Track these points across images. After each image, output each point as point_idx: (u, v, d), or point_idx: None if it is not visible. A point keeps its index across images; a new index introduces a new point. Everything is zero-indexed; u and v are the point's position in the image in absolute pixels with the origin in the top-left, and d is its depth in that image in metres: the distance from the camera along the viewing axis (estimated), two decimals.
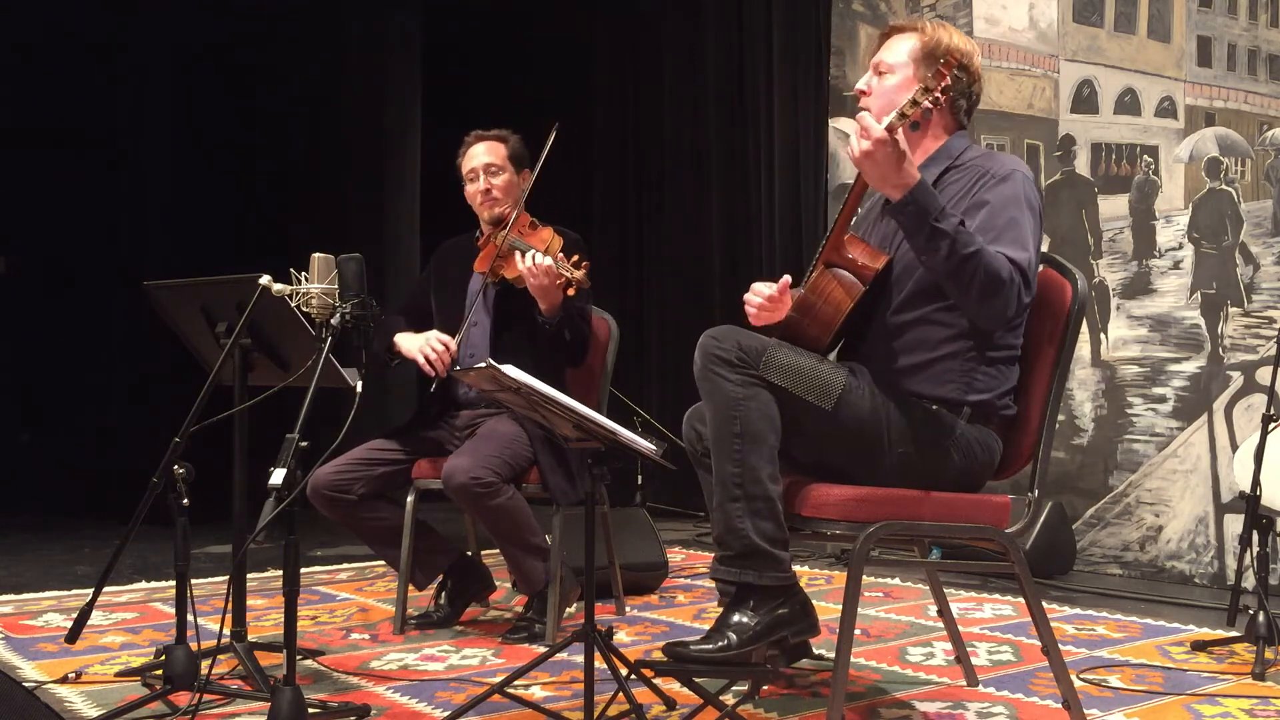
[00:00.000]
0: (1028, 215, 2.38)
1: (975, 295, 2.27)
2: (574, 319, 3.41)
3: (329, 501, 3.37)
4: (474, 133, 3.67)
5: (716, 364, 2.32)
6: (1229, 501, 4.16)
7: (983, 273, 2.24)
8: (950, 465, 2.38)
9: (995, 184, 2.41)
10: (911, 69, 2.54)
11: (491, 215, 3.59)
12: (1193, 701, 2.69)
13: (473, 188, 3.61)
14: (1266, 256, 4.17)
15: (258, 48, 6.88)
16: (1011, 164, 2.46)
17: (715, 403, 2.32)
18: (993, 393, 2.42)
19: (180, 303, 2.97)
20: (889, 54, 2.59)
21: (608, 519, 3.72)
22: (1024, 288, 2.30)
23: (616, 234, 7.04)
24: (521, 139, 3.66)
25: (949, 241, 2.23)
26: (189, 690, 2.52)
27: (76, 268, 6.86)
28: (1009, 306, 2.29)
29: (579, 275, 3.27)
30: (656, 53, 6.92)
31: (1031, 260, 2.34)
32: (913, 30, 2.60)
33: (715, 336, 2.35)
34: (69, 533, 5.68)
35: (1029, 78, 4.87)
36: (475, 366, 2.44)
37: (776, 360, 2.31)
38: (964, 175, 2.47)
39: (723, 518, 2.31)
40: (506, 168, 3.60)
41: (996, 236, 2.33)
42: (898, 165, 2.23)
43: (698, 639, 2.33)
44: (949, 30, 2.60)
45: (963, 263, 2.23)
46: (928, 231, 2.24)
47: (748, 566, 2.30)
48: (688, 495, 6.08)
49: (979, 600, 3.95)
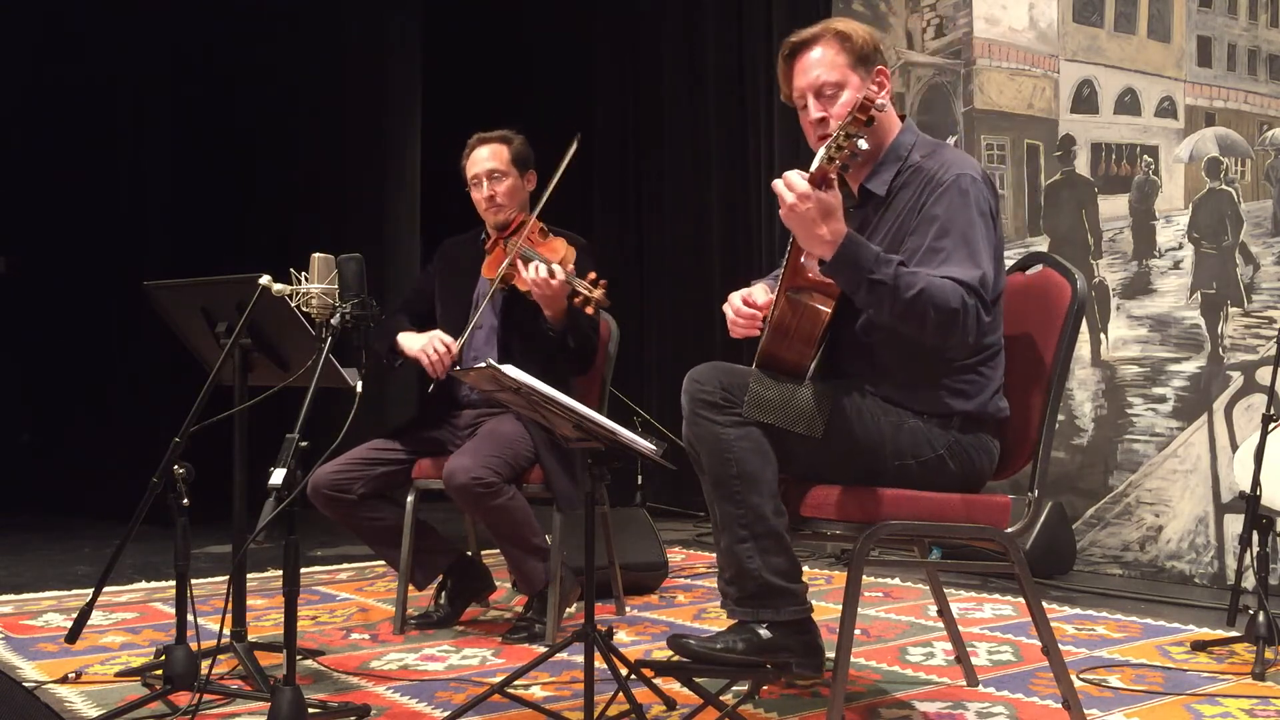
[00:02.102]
0: (979, 224, 2.32)
1: (931, 333, 2.24)
2: (581, 327, 3.39)
3: (329, 501, 3.37)
4: (476, 135, 3.61)
5: (703, 408, 2.29)
6: (1229, 501, 4.16)
7: (932, 310, 2.20)
8: (948, 473, 2.38)
9: (943, 193, 2.34)
10: (855, 77, 2.43)
11: (497, 221, 3.54)
12: (1193, 701, 2.69)
13: (477, 194, 3.57)
14: (1266, 256, 4.17)
15: (258, 48, 6.88)
16: (958, 165, 2.38)
17: (707, 447, 2.29)
18: (981, 397, 2.40)
19: (180, 303, 2.97)
20: (822, 72, 2.43)
21: (608, 519, 3.72)
22: (982, 308, 2.25)
23: (616, 234, 7.04)
24: (526, 139, 3.62)
25: (889, 290, 2.19)
26: (189, 690, 2.52)
27: (76, 268, 6.85)
28: (968, 334, 2.25)
29: (598, 294, 3.20)
30: (656, 53, 6.92)
31: (986, 274, 2.27)
32: (818, 39, 2.46)
33: (698, 380, 2.31)
34: (69, 533, 5.69)
35: (1029, 78, 4.87)
36: (475, 366, 2.44)
37: (759, 398, 2.28)
38: (913, 182, 2.41)
39: (733, 560, 2.30)
40: (510, 172, 3.54)
41: (947, 256, 2.28)
42: (821, 221, 2.17)
43: (704, 638, 2.34)
44: (848, 22, 2.49)
45: (909, 307, 2.19)
46: (866, 285, 2.20)
47: (765, 605, 2.30)
48: (688, 495, 6.08)
49: (979, 600, 3.95)
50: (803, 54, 2.46)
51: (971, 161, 2.44)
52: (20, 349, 6.94)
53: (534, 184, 3.59)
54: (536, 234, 3.47)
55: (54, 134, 6.83)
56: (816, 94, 2.44)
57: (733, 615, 2.35)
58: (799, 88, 2.47)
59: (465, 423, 3.52)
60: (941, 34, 5.17)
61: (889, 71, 2.50)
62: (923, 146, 2.47)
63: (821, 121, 2.42)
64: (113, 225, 6.92)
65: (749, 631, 2.31)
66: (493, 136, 3.59)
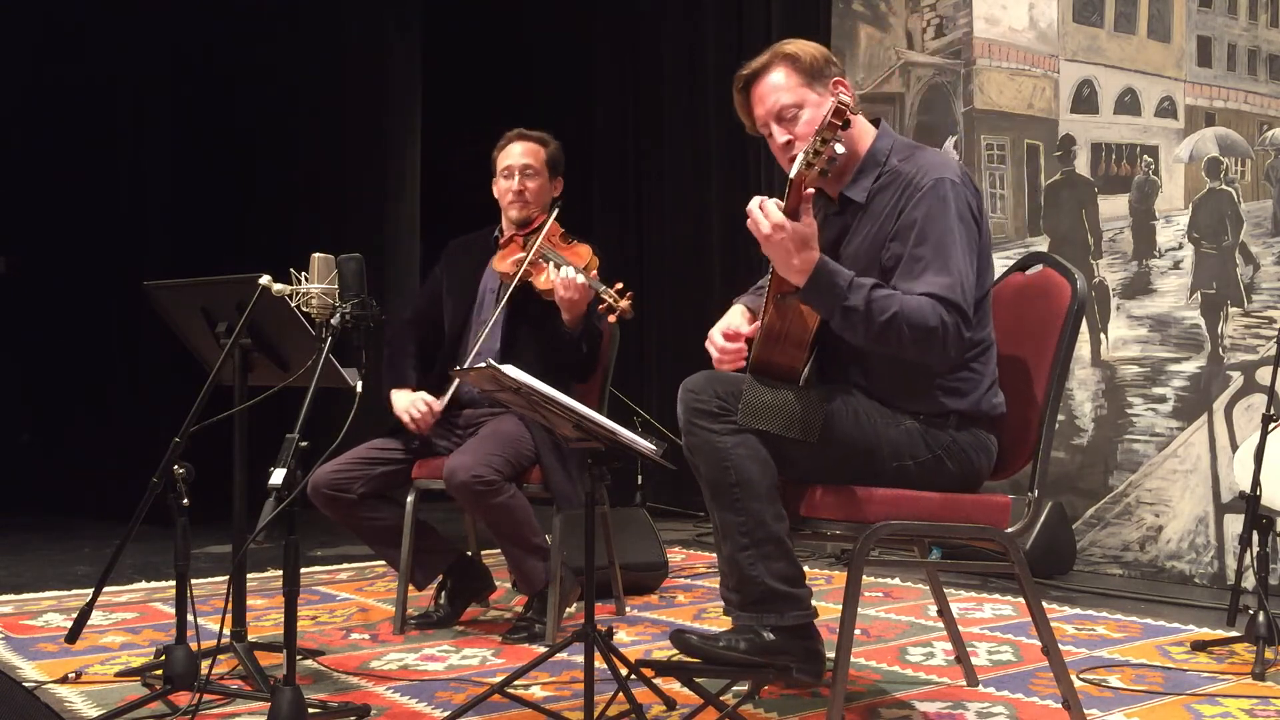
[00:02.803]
0: (957, 229, 2.31)
1: (910, 352, 2.26)
2: (593, 333, 3.41)
3: (329, 501, 3.37)
4: (516, 130, 3.64)
5: (699, 418, 2.30)
6: (1229, 501, 4.16)
7: (908, 330, 2.22)
8: (947, 472, 2.38)
9: (921, 199, 2.34)
10: (812, 94, 2.42)
11: (520, 216, 3.56)
12: (1193, 701, 2.69)
13: (505, 185, 3.58)
14: (1266, 256, 4.17)
15: (258, 47, 6.88)
16: (937, 170, 2.38)
17: (705, 456, 2.31)
18: (974, 394, 2.40)
19: (180, 303, 2.97)
20: (779, 96, 2.44)
21: (608, 519, 3.72)
22: (962, 323, 2.26)
23: (616, 234, 7.03)
24: (561, 147, 3.64)
25: (862, 315, 2.22)
26: (189, 690, 2.52)
27: (76, 268, 6.85)
28: (948, 349, 2.26)
29: (624, 304, 3.22)
30: (656, 53, 6.91)
31: (960, 283, 2.27)
32: (769, 67, 2.47)
33: (692, 389, 2.33)
34: (69, 533, 5.68)
35: (1029, 78, 4.87)
36: (475, 366, 2.44)
37: (753, 405, 2.29)
38: (891, 186, 2.41)
39: (735, 568, 2.31)
40: (542, 172, 3.57)
41: (926, 265, 2.29)
42: (795, 252, 2.21)
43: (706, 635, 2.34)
44: (794, 43, 2.50)
45: (883, 330, 2.23)
46: (840, 312, 2.24)
47: (768, 610, 2.31)
48: (688, 495, 6.08)
49: (979, 600, 3.95)
50: (756, 84, 2.49)
51: (950, 163, 2.44)
52: (20, 349, 6.94)
53: (559, 191, 3.61)
54: (557, 236, 3.49)
55: (54, 134, 6.82)
56: (778, 119, 2.46)
57: (736, 620, 2.36)
58: (759, 116, 2.50)
59: (465, 422, 3.52)
60: (941, 34, 5.17)
61: (846, 81, 2.51)
62: (900, 150, 2.48)
63: (788, 144, 2.44)
64: (113, 225, 6.91)
65: (752, 633, 2.32)
66: (533, 135, 3.63)
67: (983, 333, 2.42)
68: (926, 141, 5.15)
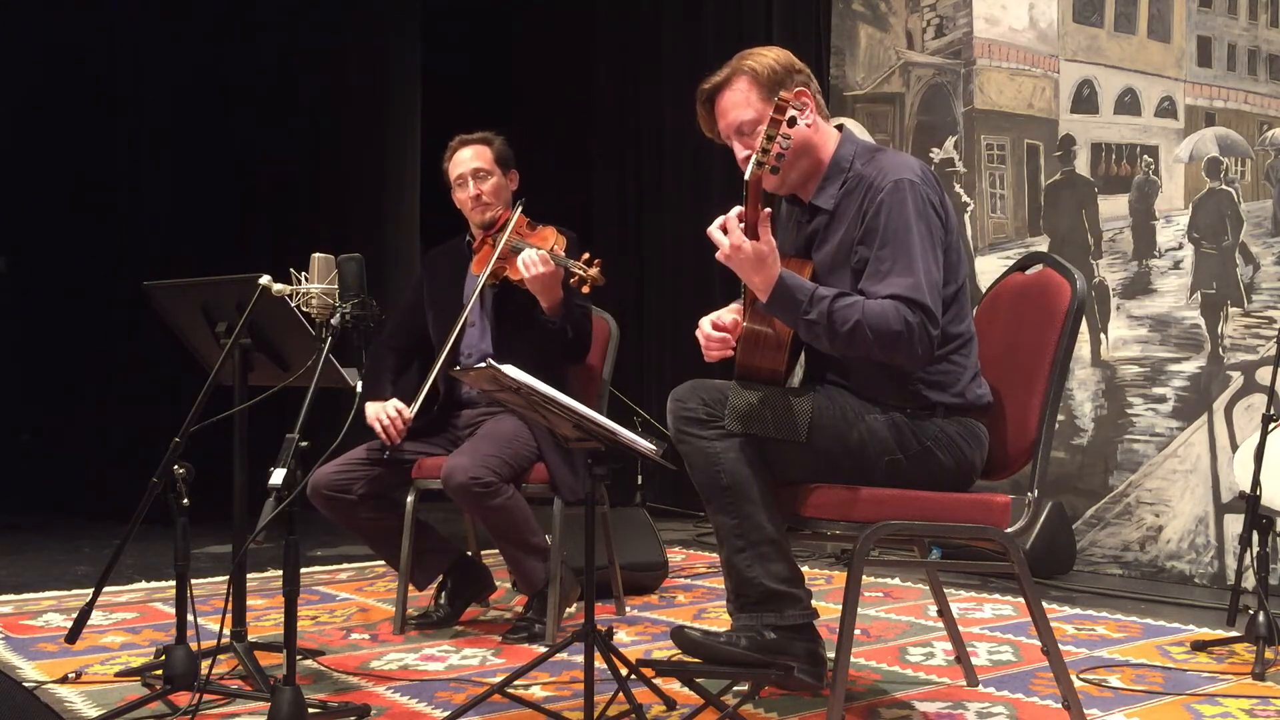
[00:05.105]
0: (917, 228, 2.32)
1: (879, 355, 2.29)
2: (576, 316, 3.41)
3: (329, 501, 3.37)
4: (457, 138, 3.64)
5: (688, 425, 2.34)
6: (1229, 501, 4.16)
7: (873, 336, 2.25)
8: (939, 464, 2.39)
9: (881, 202, 2.35)
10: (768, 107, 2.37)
11: (484, 219, 3.56)
12: (1193, 701, 2.69)
13: (462, 194, 3.59)
14: (1266, 256, 4.17)
15: (258, 47, 6.88)
16: (895, 171, 2.38)
17: (696, 462, 2.34)
18: (955, 387, 2.41)
19: (180, 303, 2.97)
20: (737, 112, 2.47)
21: (608, 519, 3.72)
22: (927, 320, 2.27)
23: (616, 233, 7.04)
24: (505, 139, 3.64)
25: (824, 328, 2.26)
26: (189, 690, 2.52)
27: (76, 268, 6.86)
28: (915, 348, 2.27)
29: (593, 272, 3.23)
30: (656, 53, 6.91)
31: (923, 281, 2.28)
32: (729, 81, 2.50)
33: (679, 398, 2.36)
34: (69, 533, 5.68)
35: (1029, 78, 4.87)
36: (475, 366, 2.44)
37: (739, 408, 2.32)
38: (856, 190, 2.43)
39: (734, 571, 2.34)
40: (494, 171, 3.57)
41: (890, 267, 2.30)
42: (754, 270, 2.25)
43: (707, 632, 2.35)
44: (755, 56, 2.51)
45: (848, 339, 2.26)
46: (803, 325, 2.28)
47: (768, 610, 2.34)
48: (688, 495, 6.06)
49: (979, 600, 3.95)
50: (718, 98, 2.53)
51: (909, 162, 2.45)
52: (20, 349, 6.94)
53: (516, 183, 3.62)
54: (524, 226, 3.49)
55: (54, 134, 6.82)
56: (738, 133, 2.50)
57: (736, 621, 2.37)
58: (722, 129, 2.55)
59: (464, 422, 3.52)
60: (941, 34, 5.17)
61: (811, 90, 2.51)
62: (863, 155, 2.50)
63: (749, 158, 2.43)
64: (113, 225, 6.92)
65: (753, 632, 2.33)
66: (474, 138, 3.61)
67: (960, 326, 2.44)
68: (927, 141, 5.16)
